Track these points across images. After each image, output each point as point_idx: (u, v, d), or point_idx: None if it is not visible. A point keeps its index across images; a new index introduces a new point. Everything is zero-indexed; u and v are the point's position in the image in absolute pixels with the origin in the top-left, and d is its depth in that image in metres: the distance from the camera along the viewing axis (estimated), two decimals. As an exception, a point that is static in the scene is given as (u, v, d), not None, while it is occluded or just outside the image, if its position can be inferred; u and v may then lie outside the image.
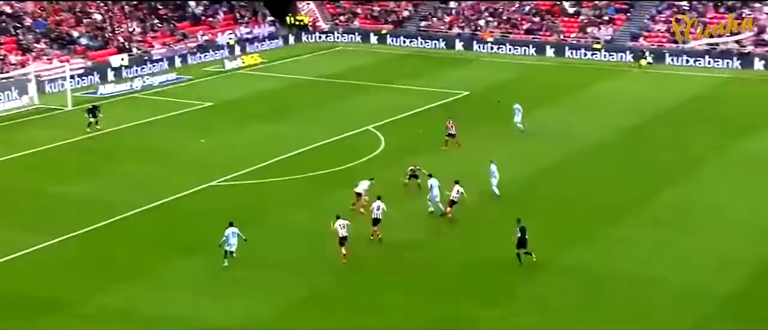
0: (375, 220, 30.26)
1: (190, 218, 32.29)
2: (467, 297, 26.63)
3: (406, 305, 26.04)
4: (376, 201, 30.72)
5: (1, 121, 45.94)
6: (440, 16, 72.18)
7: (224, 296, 26.50)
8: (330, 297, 26.58)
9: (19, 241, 29.60)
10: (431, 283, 27.51)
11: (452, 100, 51.53)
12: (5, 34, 56.34)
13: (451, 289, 27.16)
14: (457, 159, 39.33)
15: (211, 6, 70.04)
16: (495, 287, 27.25)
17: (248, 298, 26.41)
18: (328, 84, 56.32)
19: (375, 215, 30.25)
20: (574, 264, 28.74)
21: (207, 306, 25.88)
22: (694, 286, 27.22)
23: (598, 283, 27.46)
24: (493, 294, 26.85)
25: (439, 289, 27.09)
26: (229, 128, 44.68)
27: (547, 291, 26.99)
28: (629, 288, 27.14)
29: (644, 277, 27.84)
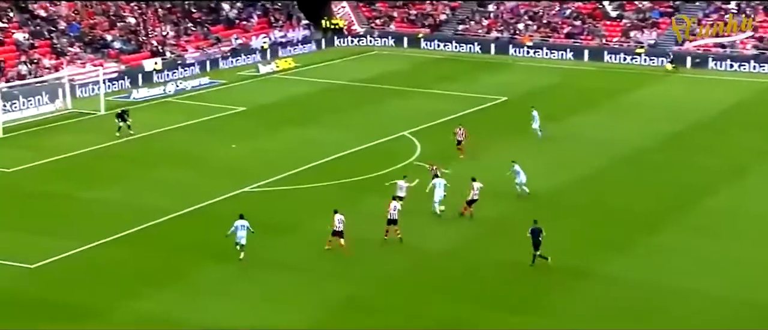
0: (391, 221, 30.61)
1: (223, 224, 32.68)
2: (500, 304, 26.77)
3: (439, 311, 26.23)
4: (393, 202, 31.20)
5: (34, 126, 46.89)
6: (478, 20, 72.27)
7: (257, 303, 26.89)
8: (364, 304, 26.85)
9: (50, 246, 30.26)
10: (466, 290, 27.68)
11: (489, 106, 51.63)
12: (39, 38, 57.49)
13: (484, 295, 27.31)
14: (494, 166, 39.44)
15: (245, 9, 70.83)
16: (528, 294, 27.36)
17: (281, 305, 26.75)
18: (362, 88, 56.68)
19: (391, 216, 30.61)
20: (612, 273, 28.73)
21: (240, 312, 26.26)
22: (736, 298, 27.06)
23: (636, 293, 27.42)
24: (526, 301, 26.96)
25: (473, 297, 27.24)
26: (262, 133, 45.21)
27: (582, 300, 27.02)
28: (667, 298, 27.06)
29: (684, 287, 27.74)
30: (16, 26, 57.56)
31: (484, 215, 33.34)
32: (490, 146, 42.76)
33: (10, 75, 52.21)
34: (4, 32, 56.38)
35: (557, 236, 31.71)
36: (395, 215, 30.60)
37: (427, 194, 33.82)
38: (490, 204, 34.63)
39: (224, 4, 70.09)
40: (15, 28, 57.35)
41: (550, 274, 28.55)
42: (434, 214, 32.93)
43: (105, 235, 31.29)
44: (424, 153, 40.62)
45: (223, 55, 63.90)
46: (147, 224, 32.45)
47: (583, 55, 65.59)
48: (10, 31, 56.83)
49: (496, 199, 35.21)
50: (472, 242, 31.26)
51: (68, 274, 28.68)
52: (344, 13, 75.17)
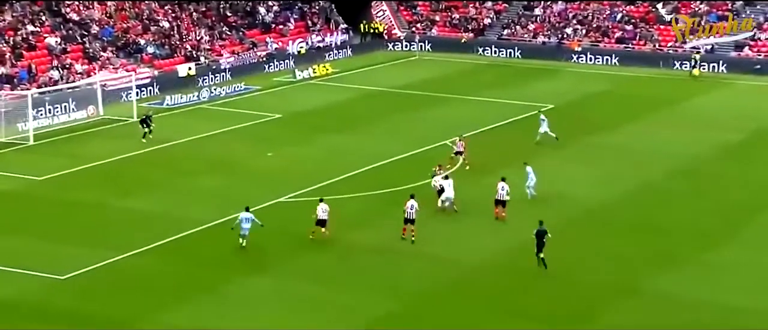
0: (408, 220, 31.62)
1: (257, 236, 33.05)
2: (546, 321, 26.67)
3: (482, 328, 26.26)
4: (410, 200, 32.04)
5: (66, 133, 47.70)
6: (524, 24, 72.13)
7: (290, 317, 27.08)
8: (404, 321, 26.91)
9: (82, 256, 30.76)
10: (510, 306, 27.66)
11: (535, 114, 51.42)
12: (72, 42, 58.48)
13: (529, 311, 27.27)
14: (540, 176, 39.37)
15: (282, 13, 71.40)
16: (575, 312, 27.26)
17: (315, 320, 26.92)
18: (403, 95, 56.83)
19: (408, 215, 31.59)
20: (663, 290, 28.51)
21: (274, 326, 26.47)
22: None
23: (689, 312, 27.18)
24: (573, 318, 26.85)
25: (518, 313, 27.22)
26: (298, 141, 45.55)
27: (633, 318, 26.85)
28: (722, 318, 26.81)
29: (740, 306, 27.44)
30: (49, 30, 58.61)
31: (526, 226, 33.24)
32: (535, 155, 42.61)
33: (41, 80, 53.16)
34: (36, 37, 57.44)
35: (607, 251, 31.59)
36: (413, 214, 31.64)
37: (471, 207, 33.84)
38: (532, 214, 34.52)
39: (260, 7, 70.75)
40: (47, 32, 58.40)
41: (598, 291, 28.41)
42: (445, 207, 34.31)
43: (137, 245, 31.72)
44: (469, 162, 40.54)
45: (258, 60, 64.49)
46: (180, 234, 32.84)
47: (635, 60, 65.13)
48: (42, 35, 57.88)
49: (539, 209, 35.08)
50: (513, 255, 31.21)
51: (99, 286, 29.09)
52: (384, 17, 75.47)
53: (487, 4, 74.98)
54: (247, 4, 70.48)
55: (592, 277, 29.29)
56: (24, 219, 35.04)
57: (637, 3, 71.11)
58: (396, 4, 76.82)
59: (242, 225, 31.23)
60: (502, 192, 34.09)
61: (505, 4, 74.89)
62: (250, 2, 70.66)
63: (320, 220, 31.74)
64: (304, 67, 63.98)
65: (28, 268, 29.97)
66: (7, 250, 31.54)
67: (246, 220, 31.28)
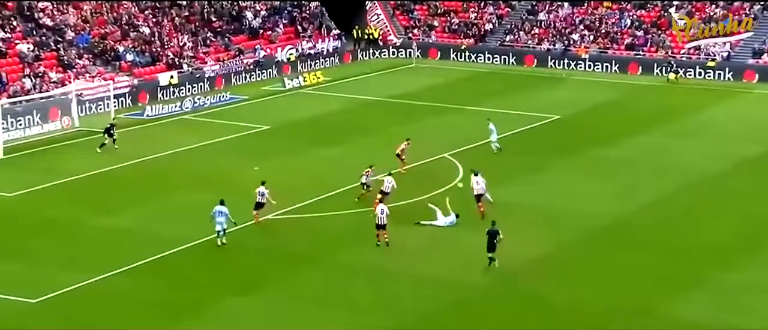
0: (380, 226, 32.91)
1: (244, 255, 32.93)
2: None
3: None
4: (379, 205, 33.32)
5: (39, 146, 47.57)
6: (528, 30, 72.29)
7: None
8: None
9: (55, 279, 30.57)
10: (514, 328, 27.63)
11: (540, 125, 51.53)
12: (45, 49, 58.38)
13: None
14: (548, 190, 39.37)
15: (270, 18, 71.42)
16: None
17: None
18: (399, 105, 56.84)
19: (380, 220, 32.83)
20: (679, 314, 28.42)
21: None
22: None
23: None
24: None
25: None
26: (287, 155, 45.47)
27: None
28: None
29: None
30: (20, 36, 58.51)
31: (530, 245, 33.21)
32: (541, 169, 42.66)
33: (12, 90, 53.02)
34: (7, 43, 57.34)
35: (619, 270, 31.54)
36: (384, 219, 32.87)
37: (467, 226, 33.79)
38: (542, 234, 34.52)
39: (247, 12, 70.76)
40: (19, 38, 58.29)
41: (609, 312, 28.31)
42: None
43: (115, 266, 31.57)
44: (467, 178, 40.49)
45: (245, 68, 64.48)
46: (161, 254, 32.72)
47: (649, 68, 65.25)
48: (13, 41, 57.78)
49: (550, 229, 35.10)
50: (520, 275, 31.13)
51: (74, 310, 28.90)
52: (379, 22, 75.59)
53: (489, 8, 75.18)
54: (234, 8, 70.49)
55: (603, 297, 29.18)
56: (-6, 238, 34.86)
57: (649, 7, 71.32)
58: (392, 8, 76.94)
59: (216, 219, 32.51)
60: (477, 187, 35.89)
61: (507, 9, 75.10)
62: (237, 6, 70.67)
63: (259, 203, 33.37)
64: (294, 75, 63.99)
65: (-3, 290, 29.79)
66: (-24, 272, 31.34)
67: (219, 213, 32.50)
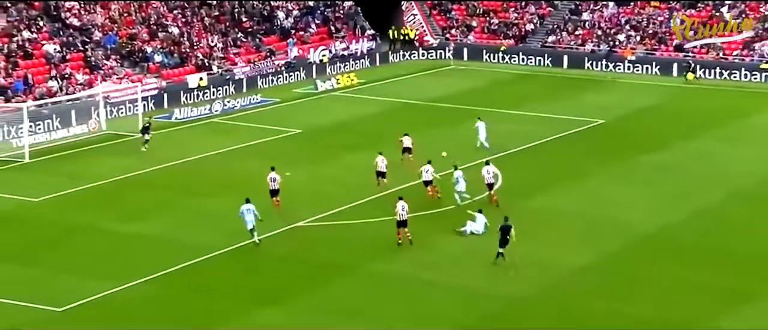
0: (401, 223, 33.59)
1: (272, 264, 33.10)
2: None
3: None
4: (399, 202, 33.86)
5: (64, 150, 48.08)
6: (571, 30, 71.99)
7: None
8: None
9: (80, 287, 30.90)
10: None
11: (583, 130, 51.29)
12: (72, 50, 59.03)
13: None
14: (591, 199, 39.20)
15: (302, 18, 71.70)
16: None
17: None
18: (435, 109, 56.82)
19: (400, 217, 33.52)
20: (730, 329, 28.13)
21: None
22: None
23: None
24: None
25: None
26: (319, 160, 45.61)
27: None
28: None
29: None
30: (47, 37, 59.22)
31: (576, 254, 33.08)
32: (584, 176, 42.48)
33: (38, 92, 53.67)
34: (33, 44, 58.05)
35: (663, 283, 31.31)
36: (404, 216, 33.52)
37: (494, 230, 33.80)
38: (584, 243, 34.38)
39: (279, 11, 71.09)
40: (45, 38, 59.01)
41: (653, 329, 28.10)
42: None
43: (142, 274, 31.84)
44: (507, 185, 40.45)
45: (276, 69, 64.81)
46: (188, 262, 32.95)
47: (698, 71, 64.72)
48: (39, 42, 58.48)
49: (592, 238, 34.94)
50: (560, 286, 31.02)
51: (100, 319, 29.16)
52: (415, 22, 75.63)
53: (530, 8, 74.95)
54: (265, 8, 70.86)
55: (646, 310, 28.97)
56: (18, 244, 35.32)
57: (699, 6, 70.73)
58: (428, 8, 76.97)
59: (245, 218, 33.78)
60: (488, 176, 37.75)
61: (549, 8, 74.83)
62: (268, 6, 71.03)
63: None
64: (327, 77, 64.20)
65: (22, 299, 30.14)
66: (2, 278, 31.71)
67: (247, 211, 33.78)
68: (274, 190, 37.72)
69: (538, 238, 34.93)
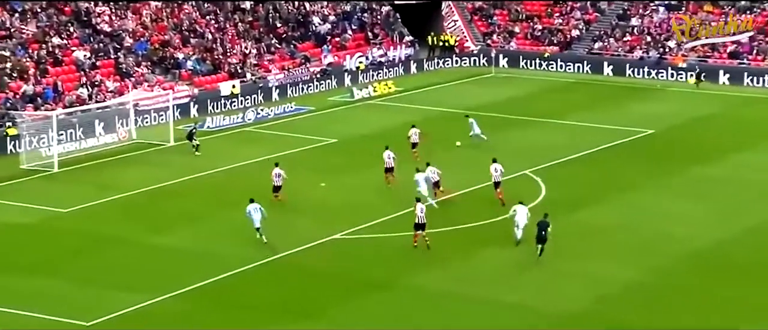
0: (420, 225, 34.36)
1: (307, 278, 33.04)
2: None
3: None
4: (418, 203, 34.55)
5: (94, 159, 48.42)
6: (619, 36, 71.51)
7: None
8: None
9: (114, 300, 31.02)
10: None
11: (631, 140, 50.86)
12: (103, 57, 59.51)
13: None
14: (641, 214, 38.84)
15: (338, 24, 71.82)
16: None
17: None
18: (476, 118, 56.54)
19: (420, 219, 34.32)
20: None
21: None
22: None
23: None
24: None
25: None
26: (355, 170, 45.56)
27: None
28: None
29: None
30: (77, 43, 59.77)
31: (626, 270, 32.74)
32: (633, 188, 42.10)
33: (68, 100, 54.13)
34: (63, 50, 58.61)
35: (717, 301, 30.93)
36: (423, 218, 34.23)
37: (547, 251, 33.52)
38: (634, 258, 34.06)
39: (314, 17, 71.23)
40: (75, 45, 59.56)
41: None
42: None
43: (173, 287, 31.91)
44: (552, 197, 40.16)
45: (311, 76, 64.94)
46: (221, 275, 32.99)
47: (751, 79, 64.03)
48: (70, 48, 59.04)
49: (642, 253, 34.59)
50: (609, 303, 30.73)
51: (130, 333, 29.30)
52: (456, 28, 75.53)
53: (576, 13, 74.55)
54: (300, 13, 71.06)
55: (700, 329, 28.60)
56: (46, 256, 35.56)
57: (756, 10, 69.93)
58: (469, 13, 76.81)
59: (252, 216, 35.03)
60: (495, 174, 39.30)
61: (596, 14, 74.39)
62: (303, 11, 71.19)
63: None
64: (363, 85, 64.23)
65: (49, 312, 30.30)
66: (27, 292, 31.97)
67: (254, 210, 35.06)
68: (277, 187, 39.51)
69: (585, 252, 34.65)
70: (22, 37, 57.83)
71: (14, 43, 57.17)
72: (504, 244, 35.12)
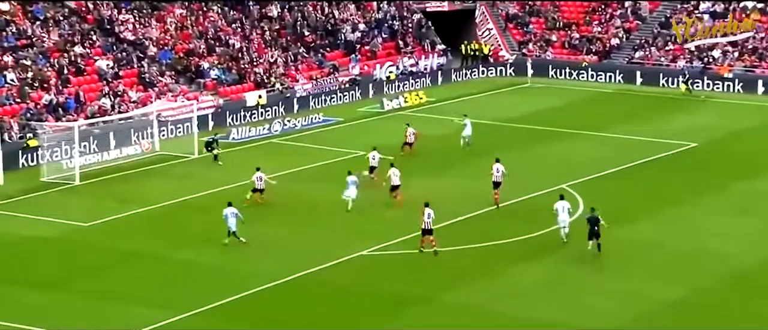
0: (426, 231, 35.62)
1: (335, 295, 33.21)
2: None
3: None
4: (426, 209, 35.50)
5: (116, 171, 48.84)
6: (660, 45, 71.31)
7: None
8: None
9: (133, 317, 31.30)
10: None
11: (673, 154, 50.72)
12: (126, 66, 60.09)
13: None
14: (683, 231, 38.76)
15: (368, 32, 72.07)
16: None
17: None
18: (510, 130, 56.65)
19: (426, 225, 35.55)
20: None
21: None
22: None
23: None
24: None
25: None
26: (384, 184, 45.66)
27: None
28: None
29: None
30: (100, 52, 60.39)
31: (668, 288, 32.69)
32: (675, 204, 42.00)
33: (89, 110, 54.67)
34: (86, 59, 59.22)
35: (762, 323, 30.71)
36: (430, 224, 35.58)
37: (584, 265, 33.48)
38: (676, 276, 34.02)
39: (344, 25, 71.44)
40: (98, 54, 60.17)
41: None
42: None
43: (197, 304, 32.13)
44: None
45: (340, 86, 65.25)
46: (247, 292, 33.20)
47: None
48: (92, 57, 59.65)
49: (685, 271, 34.53)
50: (650, 322, 30.71)
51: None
52: (490, 37, 75.61)
53: (615, 21, 74.42)
54: (328, 21, 71.41)
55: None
56: (66, 272, 35.92)
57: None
58: (504, 20, 76.89)
59: (228, 221, 36.67)
60: (496, 174, 41.16)
61: (637, 21, 74.23)
62: (332, 18, 71.49)
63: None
64: (394, 95, 64.42)
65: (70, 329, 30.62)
66: (47, 308, 32.34)
67: (231, 214, 36.71)
68: (259, 189, 41.94)
69: (625, 270, 34.65)
70: (43, 46, 58.52)
71: (35, 52, 57.89)
72: (538, 259, 35.22)
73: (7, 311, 31.77)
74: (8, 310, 31.85)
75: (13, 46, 57.45)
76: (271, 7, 70.06)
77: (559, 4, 77.07)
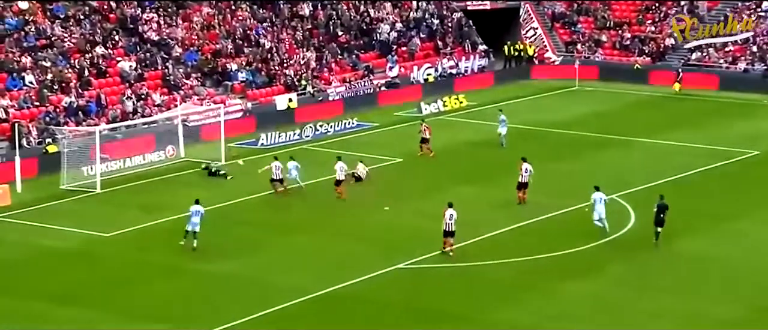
0: (449, 233, 36.52)
1: (372, 311, 33.26)
2: None
3: None
4: (449, 209, 36.51)
5: (139, 179, 49.23)
6: (720, 46, 70.91)
7: None
8: None
9: (157, 330, 31.61)
10: None
11: (733, 162, 50.44)
12: (150, 68, 60.57)
13: None
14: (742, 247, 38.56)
15: (406, 32, 72.19)
16: None
17: None
18: (557, 136, 56.56)
19: (448, 227, 36.41)
20: None
21: None
22: None
23: None
24: None
25: None
26: (423, 193, 45.76)
27: None
28: None
29: None
30: (122, 53, 60.91)
31: (727, 307, 32.54)
32: (735, 217, 41.74)
33: (111, 114, 55.14)
34: (108, 60, 59.76)
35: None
36: (452, 225, 36.49)
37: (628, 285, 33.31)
38: (736, 294, 33.92)
39: (380, 24, 71.58)
40: (121, 54, 60.70)
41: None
42: None
43: (226, 319, 32.25)
44: (645, 224, 39.95)
45: (375, 89, 65.40)
46: (276, 307, 33.28)
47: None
48: (114, 58, 60.17)
49: (746, 289, 34.38)
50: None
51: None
52: (535, 37, 75.54)
53: (671, 19, 74.08)
54: (363, 20, 71.60)
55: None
56: (87, 285, 36.13)
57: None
58: (550, 20, 76.78)
59: (192, 219, 37.48)
60: (525, 174, 42.43)
61: (694, 20, 73.75)
62: (368, 17, 71.66)
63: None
64: (432, 99, 64.51)
65: (91, 343, 31.01)
66: (67, 322, 32.60)
67: (195, 213, 37.50)
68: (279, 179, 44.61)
69: (677, 286, 34.47)
70: (63, 46, 59.10)
71: (55, 53, 58.48)
72: (587, 275, 35.11)
73: (24, 326, 32.05)
74: (25, 325, 32.13)
75: (32, 47, 58.09)
76: (302, 5, 70.32)
77: (609, 2, 76.85)
